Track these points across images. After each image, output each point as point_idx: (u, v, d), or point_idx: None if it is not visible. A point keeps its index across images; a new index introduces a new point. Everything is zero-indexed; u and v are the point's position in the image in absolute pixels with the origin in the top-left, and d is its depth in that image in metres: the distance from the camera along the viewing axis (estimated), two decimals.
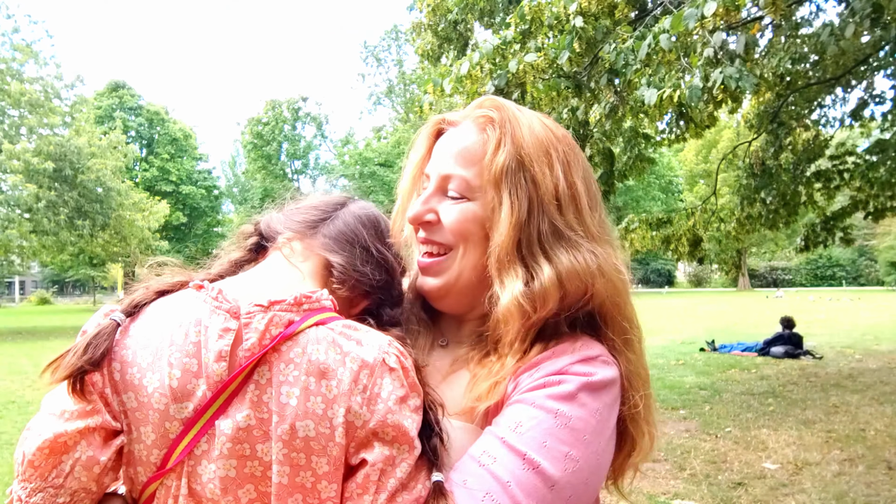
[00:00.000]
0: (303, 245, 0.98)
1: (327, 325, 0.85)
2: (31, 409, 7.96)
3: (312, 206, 1.05)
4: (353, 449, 0.80)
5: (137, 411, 0.80)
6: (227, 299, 0.84)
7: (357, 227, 1.03)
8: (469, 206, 1.02)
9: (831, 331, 16.22)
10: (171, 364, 0.80)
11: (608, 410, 0.92)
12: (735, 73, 4.11)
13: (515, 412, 0.88)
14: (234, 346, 0.81)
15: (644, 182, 49.51)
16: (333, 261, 0.97)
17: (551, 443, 0.84)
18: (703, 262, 10.61)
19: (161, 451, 0.81)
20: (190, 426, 0.79)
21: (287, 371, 0.80)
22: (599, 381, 0.91)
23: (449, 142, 1.07)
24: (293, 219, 1.03)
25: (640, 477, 4.81)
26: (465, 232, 1.02)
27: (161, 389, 0.79)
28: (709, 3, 4.07)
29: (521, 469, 0.82)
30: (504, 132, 1.01)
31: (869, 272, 59.17)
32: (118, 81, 48.10)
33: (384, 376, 0.82)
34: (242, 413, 0.79)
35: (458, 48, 8.67)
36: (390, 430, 0.81)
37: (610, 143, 7.76)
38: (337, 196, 1.10)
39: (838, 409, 7.21)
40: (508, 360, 0.97)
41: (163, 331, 0.83)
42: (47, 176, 21.74)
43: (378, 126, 53.74)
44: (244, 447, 0.79)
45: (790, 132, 9.67)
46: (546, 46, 5.32)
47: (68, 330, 20.69)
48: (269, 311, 0.83)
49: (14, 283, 66.50)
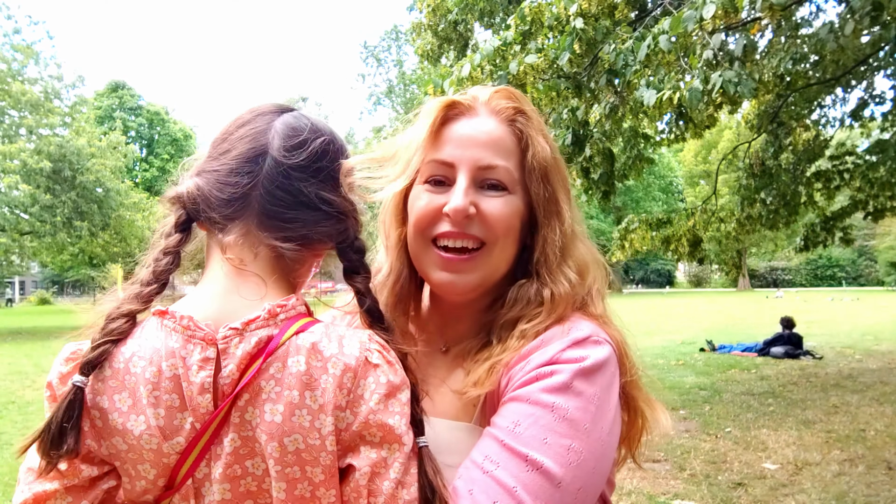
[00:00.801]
0: (243, 239, 0.87)
1: (307, 330, 0.82)
2: (31, 409, 7.96)
3: (231, 167, 0.88)
4: (341, 452, 0.79)
5: (130, 452, 0.79)
6: (199, 326, 0.80)
7: (294, 184, 0.88)
8: (512, 199, 1.00)
9: (831, 331, 16.21)
10: (152, 403, 0.78)
11: (606, 392, 0.89)
12: (734, 77, 4.10)
13: (512, 410, 0.87)
14: (214, 374, 0.78)
15: (644, 182, 49.56)
16: (284, 249, 0.88)
17: (552, 439, 0.83)
18: (703, 263, 10.61)
19: (164, 478, 0.81)
20: (186, 455, 0.79)
21: (269, 388, 0.78)
22: (592, 365, 0.89)
23: (474, 130, 1.01)
24: (216, 194, 0.88)
25: (641, 477, 4.82)
26: (510, 226, 1.00)
27: (149, 431, 0.78)
28: (708, 5, 4.07)
29: (525, 472, 0.81)
30: (537, 125, 1.03)
31: (869, 272, 59.17)
32: (118, 81, 48.14)
33: (367, 375, 0.80)
34: (228, 437, 0.78)
35: (458, 49, 8.68)
36: (376, 431, 0.79)
37: (610, 143, 7.76)
38: (251, 128, 0.91)
39: (838, 409, 7.21)
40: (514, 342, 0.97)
41: (133, 370, 0.79)
42: (44, 176, 21.67)
43: (378, 126, 53.75)
44: (235, 469, 0.79)
45: (790, 132, 9.68)
46: (546, 47, 5.32)
47: (68, 330, 20.60)
48: (244, 332, 0.80)
49: (14, 284, 66.50)
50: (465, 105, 1.04)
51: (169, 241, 0.89)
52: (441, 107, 1.02)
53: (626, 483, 4.66)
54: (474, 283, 1.00)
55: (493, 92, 1.06)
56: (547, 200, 1.01)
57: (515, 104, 1.04)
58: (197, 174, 0.91)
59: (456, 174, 0.99)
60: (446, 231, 0.98)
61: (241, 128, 0.92)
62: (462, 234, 0.98)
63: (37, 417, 7.52)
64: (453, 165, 0.99)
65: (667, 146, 8.93)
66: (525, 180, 1.02)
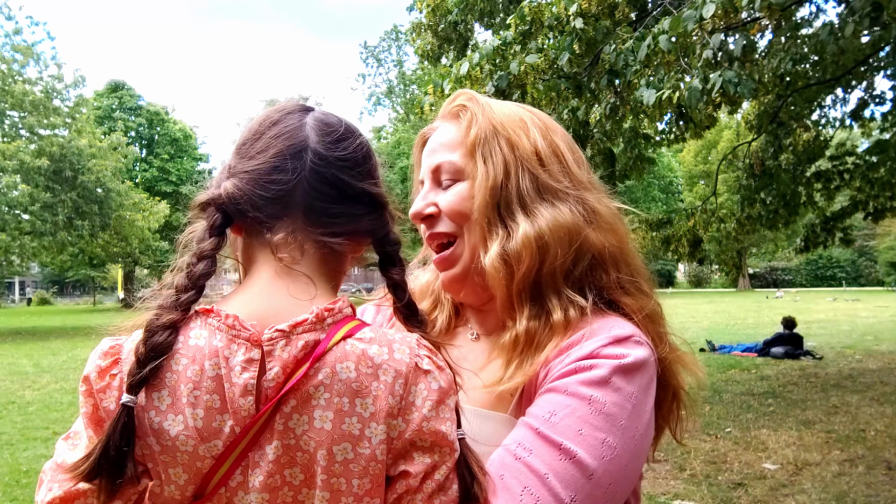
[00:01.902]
0: (291, 237, 0.86)
1: (354, 335, 0.80)
2: (31, 410, 7.97)
3: (273, 164, 0.86)
4: (392, 461, 0.77)
5: (162, 454, 0.76)
6: (244, 326, 0.78)
7: (339, 177, 0.87)
8: (461, 186, 1.03)
9: (831, 331, 16.21)
10: (191, 404, 0.75)
11: (643, 393, 0.89)
12: (734, 78, 4.11)
13: (548, 401, 0.87)
14: (258, 377, 0.76)
15: (644, 182, 49.54)
16: (333, 244, 0.88)
17: (587, 431, 0.83)
18: (704, 263, 10.62)
19: (195, 486, 0.78)
20: (222, 461, 0.76)
21: (318, 395, 0.75)
22: (632, 363, 0.88)
23: (431, 142, 1.10)
24: (259, 192, 0.86)
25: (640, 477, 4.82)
26: (463, 211, 1.02)
27: (186, 432, 0.75)
28: (707, 4, 4.07)
29: (557, 460, 0.81)
30: (475, 112, 1.05)
31: (869, 273, 59.17)
32: (118, 82, 48.09)
33: (419, 382, 0.79)
34: (272, 444, 0.76)
35: (458, 49, 8.67)
36: (428, 438, 0.78)
37: (610, 143, 7.77)
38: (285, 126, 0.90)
39: (838, 409, 7.21)
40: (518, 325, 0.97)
41: (175, 367, 0.77)
42: (44, 176, 21.68)
43: (378, 126, 53.74)
44: (276, 479, 0.76)
45: (790, 133, 9.68)
46: (547, 47, 5.33)
47: (68, 330, 20.68)
48: (291, 335, 0.77)
49: (14, 284, 66.51)
50: (433, 126, 1.12)
51: (204, 245, 0.85)
52: (420, 137, 1.14)
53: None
54: (456, 275, 1.04)
55: (453, 96, 1.12)
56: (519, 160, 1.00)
57: (461, 101, 1.08)
58: (231, 176, 0.88)
59: None
60: (426, 235, 1.07)
61: (274, 126, 0.90)
62: (434, 234, 1.05)
63: (37, 417, 7.51)
64: (422, 180, 1.10)
65: (667, 146, 8.93)
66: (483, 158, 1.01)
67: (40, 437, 6.59)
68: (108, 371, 0.79)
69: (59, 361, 12.74)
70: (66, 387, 9.61)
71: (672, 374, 1.00)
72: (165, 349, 0.77)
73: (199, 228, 0.88)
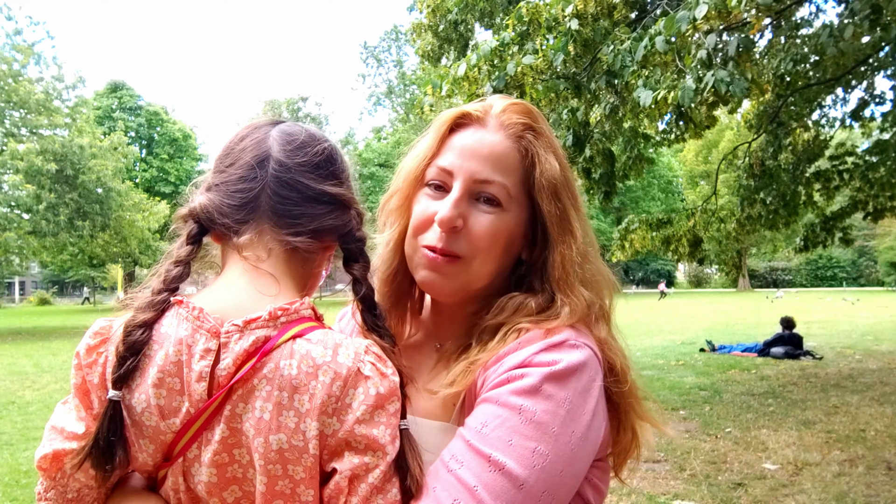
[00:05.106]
0: (257, 238, 0.94)
1: (304, 336, 0.86)
2: (31, 410, 7.96)
3: (238, 175, 0.95)
4: (326, 457, 0.83)
5: (133, 427, 0.85)
6: (207, 318, 0.86)
7: (299, 181, 0.95)
8: (503, 216, 1.01)
9: (831, 331, 16.22)
10: (155, 384, 0.84)
11: (580, 396, 0.88)
12: (726, 77, 4.11)
13: (482, 412, 0.88)
14: (213, 365, 0.83)
15: (644, 182, 49.56)
16: (296, 243, 0.94)
17: (517, 440, 0.83)
18: (704, 263, 10.62)
19: (161, 454, 0.87)
20: (180, 436, 0.85)
21: (261, 387, 0.82)
22: (565, 369, 0.88)
23: (477, 142, 1.02)
24: (227, 202, 0.94)
25: (640, 477, 4.82)
26: (494, 242, 1.00)
27: (149, 409, 0.84)
28: (700, 5, 4.09)
29: (487, 472, 0.82)
30: (547, 143, 1.04)
31: (869, 272, 59.20)
32: (117, 82, 48.11)
33: (357, 385, 0.84)
34: (219, 427, 0.83)
35: (458, 49, 8.68)
36: (361, 440, 0.82)
37: (610, 143, 7.77)
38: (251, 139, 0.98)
39: (838, 409, 7.21)
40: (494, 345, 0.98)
41: (147, 353, 0.86)
42: (49, 177, 21.71)
43: (378, 126, 53.73)
44: (223, 456, 0.84)
45: (790, 132, 9.68)
46: (545, 48, 5.33)
47: (68, 330, 20.67)
48: (245, 330, 0.84)
49: (14, 284, 66.49)
50: (475, 116, 1.05)
51: (180, 252, 0.95)
52: (452, 116, 1.06)
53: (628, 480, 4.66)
54: (454, 287, 1.02)
55: (508, 104, 1.06)
56: (559, 218, 1.02)
57: (526, 120, 1.04)
58: (206, 190, 0.99)
59: (453, 183, 1.01)
60: (431, 245, 1.00)
61: (242, 140, 0.99)
62: (445, 250, 0.99)
63: (37, 417, 7.51)
64: (452, 174, 1.02)
65: (667, 146, 8.94)
66: (530, 197, 1.03)
67: (40, 437, 6.56)
68: (96, 349, 0.89)
69: (59, 361, 12.73)
70: (66, 387, 9.55)
71: (627, 411, 1.00)
72: (141, 346, 0.85)
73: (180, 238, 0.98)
